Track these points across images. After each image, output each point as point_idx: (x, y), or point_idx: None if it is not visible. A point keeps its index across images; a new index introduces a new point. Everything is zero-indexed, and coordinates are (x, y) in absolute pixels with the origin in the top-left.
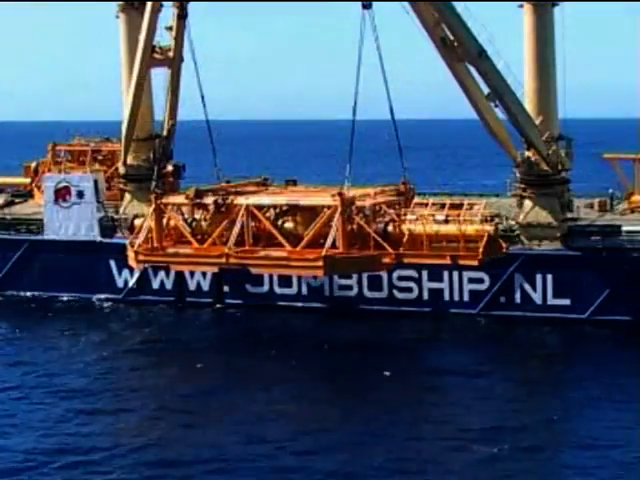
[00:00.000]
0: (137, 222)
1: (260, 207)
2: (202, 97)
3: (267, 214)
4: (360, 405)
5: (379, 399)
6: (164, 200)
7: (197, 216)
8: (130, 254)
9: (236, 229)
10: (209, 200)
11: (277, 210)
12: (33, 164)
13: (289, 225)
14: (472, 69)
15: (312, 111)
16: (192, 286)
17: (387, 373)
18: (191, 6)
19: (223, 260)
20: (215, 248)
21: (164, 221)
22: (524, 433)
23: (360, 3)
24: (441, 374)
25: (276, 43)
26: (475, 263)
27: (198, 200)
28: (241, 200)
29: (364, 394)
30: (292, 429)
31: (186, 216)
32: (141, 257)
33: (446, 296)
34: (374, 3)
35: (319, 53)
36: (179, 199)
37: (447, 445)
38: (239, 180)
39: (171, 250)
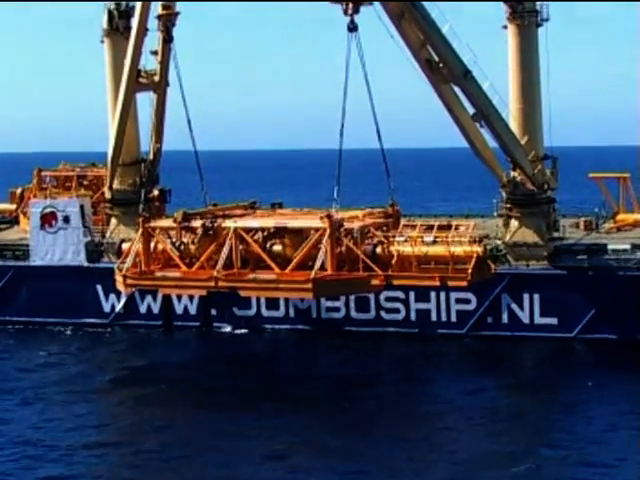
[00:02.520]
0: (125, 246)
1: (248, 230)
2: (189, 121)
3: (255, 237)
4: (356, 435)
5: (373, 428)
6: (152, 224)
7: (185, 239)
8: (118, 278)
9: (224, 252)
10: (197, 223)
11: (265, 233)
12: (18, 190)
13: (277, 248)
14: (457, 90)
15: (291, 140)
16: (179, 310)
17: (378, 400)
18: (176, 30)
19: (212, 283)
20: (203, 271)
21: (152, 245)
22: (519, 458)
23: (346, 27)
24: (433, 399)
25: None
26: (464, 284)
27: (186, 223)
28: (229, 223)
29: (358, 423)
30: (284, 465)
31: (174, 240)
32: (129, 281)
33: (433, 317)
34: (360, 27)
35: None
36: (167, 223)
37: (445, 470)
38: (227, 203)
39: (159, 274)
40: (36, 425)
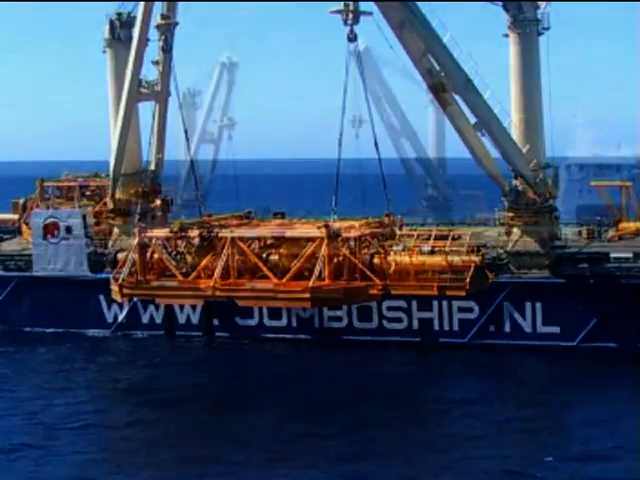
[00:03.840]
0: (120, 256)
1: (246, 239)
2: (185, 132)
3: (252, 246)
4: (359, 447)
5: (376, 439)
6: (148, 234)
7: (181, 249)
8: (114, 288)
9: (222, 262)
10: (194, 233)
11: (262, 243)
12: (21, 200)
13: (274, 257)
14: (459, 99)
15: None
16: (182, 319)
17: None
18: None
19: (209, 293)
20: (201, 281)
21: (148, 254)
22: (523, 468)
23: (345, 37)
24: (436, 408)
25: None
26: (462, 294)
27: (183, 233)
28: (226, 233)
29: (361, 434)
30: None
31: (170, 249)
32: (126, 291)
33: (436, 326)
34: (360, 38)
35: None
36: (163, 232)
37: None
38: (222, 214)
39: (156, 283)
40: (40, 441)
